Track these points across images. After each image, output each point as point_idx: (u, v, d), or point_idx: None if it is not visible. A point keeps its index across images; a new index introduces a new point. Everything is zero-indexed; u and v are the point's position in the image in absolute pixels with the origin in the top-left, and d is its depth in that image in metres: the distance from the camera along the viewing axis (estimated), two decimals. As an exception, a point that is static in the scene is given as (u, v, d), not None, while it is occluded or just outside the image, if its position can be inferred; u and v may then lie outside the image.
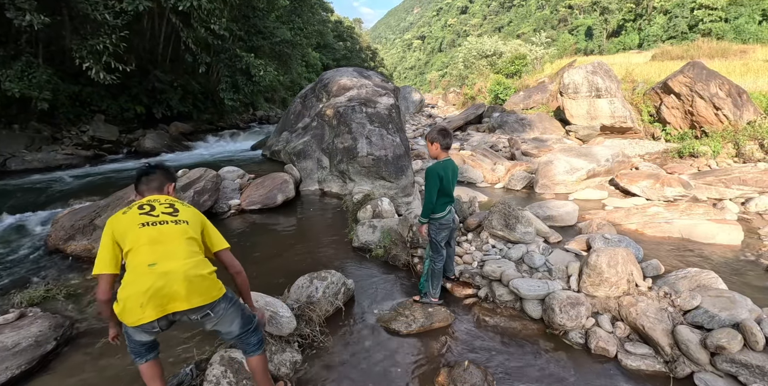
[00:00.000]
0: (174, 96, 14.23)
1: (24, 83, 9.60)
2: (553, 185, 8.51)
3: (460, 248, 4.14)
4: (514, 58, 21.27)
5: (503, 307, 3.62)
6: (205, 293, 1.78)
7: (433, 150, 3.35)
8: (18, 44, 10.44)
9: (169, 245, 1.79)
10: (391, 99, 8.07)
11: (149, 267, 1.71)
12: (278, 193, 5.90)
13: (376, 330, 3.21)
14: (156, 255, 1.75)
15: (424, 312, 3.28)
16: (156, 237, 1.78)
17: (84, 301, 3.55)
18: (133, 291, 1.67)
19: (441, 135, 3.30)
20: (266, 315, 2.56)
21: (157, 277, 1.69)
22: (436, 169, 3.26)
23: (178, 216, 1.87)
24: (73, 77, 11.79)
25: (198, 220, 1.97)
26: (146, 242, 1.76)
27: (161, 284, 1.68)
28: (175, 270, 1.73)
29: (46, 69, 10.24)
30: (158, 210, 1.86)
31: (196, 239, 1.89)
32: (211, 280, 1.85)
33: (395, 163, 6.64)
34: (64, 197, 6.72)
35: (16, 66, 9.71)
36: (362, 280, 3.85)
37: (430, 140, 3.34)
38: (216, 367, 2.33)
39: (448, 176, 3.32)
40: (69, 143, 11.07)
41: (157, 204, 1.92)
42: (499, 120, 13.79)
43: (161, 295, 1.68)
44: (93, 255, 4.39)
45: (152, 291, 1.67)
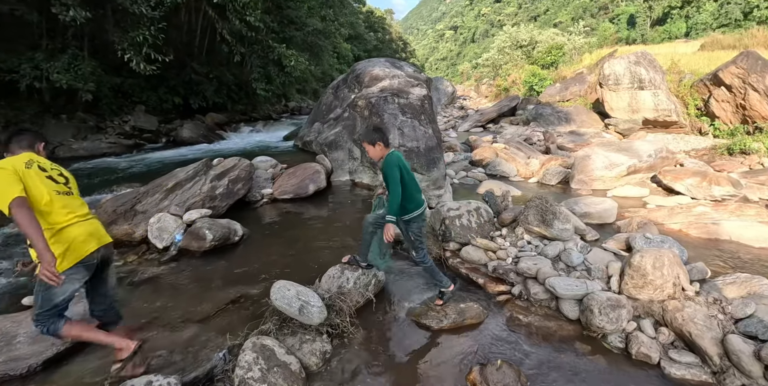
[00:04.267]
0: (209, 87, 14.58)
1: (70, 75, 10.07)
2: (590, 181, 8.16)
3: (494, 243, 4.02)
4: (551, 48, 20.42)
5: (538, 306, 3.49)
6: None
7: (378, 151, 3.08)
8: (65, 38, 10.94)
9: (78, 207, 2.29)
10: (423, 90, 7.92)
11: (77, 218, 2.21)
12: (310, 183, 5.93)
13: (407, 323, 3.17)
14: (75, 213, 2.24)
15: (455, 308, 3.21)
16: (68, 203, 2.23)
17: (125, 283, 3.68)
18: (77, 233, 2.17)
19: (380, 133, 3.11)
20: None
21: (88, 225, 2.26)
22: (392, 159, 3.03)
23: (72, 190, 2.34)
24: (115, 70, 12.27)
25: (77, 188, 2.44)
26: (61, 206, 2.17)
27: (93, 228, 2.28)
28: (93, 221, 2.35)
29: (91, 61, 10.69)
30: (56, 178, 2.25)
31: (84, 205, 2.39)
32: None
33: (427, 155, 6.52)
34: (107, 183, 7.02)
35: (63, 59, 10.19)
36: (392, 273, 3.81)
37: (369, 142, 3.07)
38: (248, 353, 2.35)
39: (407, 166, 3.15)
40: (112, 132, 11.58)
41: (46, 166, 2.26)
42: (534, 112, 13.34)
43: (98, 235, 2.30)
44: (134, 239, 4.59)
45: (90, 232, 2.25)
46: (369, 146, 3.09)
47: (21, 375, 2.57)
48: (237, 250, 4.31)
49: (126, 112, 12.72)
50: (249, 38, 14.11)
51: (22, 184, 2.03)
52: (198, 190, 5.02)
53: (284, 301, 2.69)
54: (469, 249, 3.96)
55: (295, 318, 2.70)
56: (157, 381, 2.05)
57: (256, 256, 4.11)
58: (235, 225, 4.51)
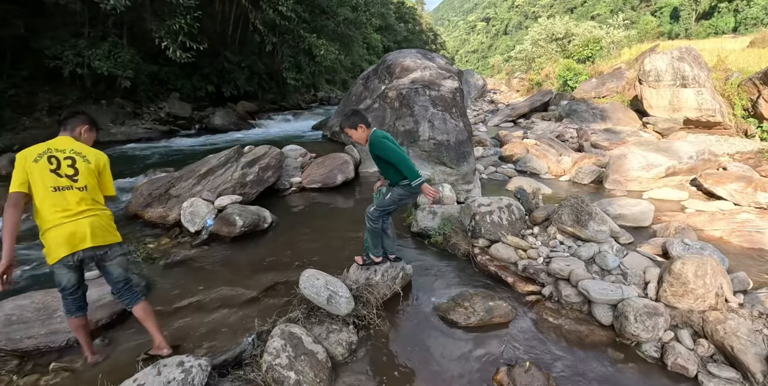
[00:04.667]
0: (241, 76, 14.77)
1: (110, 62, 10.40)
2: (625, 181, 7.84)
3: (525, 241, 3.90)
4: (588, 42, 19.60)
5: (569, 308, 3.38)
6: (103, 237, 2.26)
7: (362, 133, 3.00)
8: (105, 26, 11.29)
9: (71, 205, 2.19)
10: (455, 82, 7.76)
11: (64, 219, 2.15)
12: (338, 173, 5.93)
13: (433, 318, 3.13)
14: (64, 213, 2.17)
15: (484, 306, 3.14)
16: (60, 201, 2.17)
17: (158, 264, 3.79)
18: (54, 236, 2.15)
19: (360, 115, 3.02)
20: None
21: (71, 226, 2.17)
22: (378, 135, 2.94)
23: (78, 183, 2.23)
24: (152, 58, 12.59)
25: (95, 176, 2.32)
26: (51, 204, 2.15)
27: (72, 231, 2.16)
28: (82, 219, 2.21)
29: (129, 49, 11.00)
30: (63, 170, 2.20)
31: (92, 199, 2.27)
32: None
33: (457, 149, 6.40)
34: (143, 167, 7.25)
35: (103, 46, 10.52)
36: (420, 266, 3.77)
37: (351, 127, 2.98)
38: (276, 340, 2.37)
39: (394, 141, 3.04)
40: (148, 118, 11.92)
41: (61, 156, 2.22)
42: (567, 108, 12.89)
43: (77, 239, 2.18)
44: (167, 222, 4.71)
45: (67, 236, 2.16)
46: (351, 131, 3.01)
47: (59, 348, 2.69)
48: (266, 237, 4.37)
49: (161, 99, 13.06)
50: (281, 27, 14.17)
51: (26, 177, 2.14)
52: (229, 177, 5.09)
53: (313, 290, 2.69)
54: (498, 247, 3.87)
55: (323, 307, 2.71)
56: (188, 362, 2.08)
57: (284, 244, 4.15)
58: (264, 212, 4.56)
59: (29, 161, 2.17)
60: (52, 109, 10.33)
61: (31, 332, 2.66)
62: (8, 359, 2.58)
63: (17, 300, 2.87)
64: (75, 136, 2.38)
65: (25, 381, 2.43)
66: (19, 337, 2.64)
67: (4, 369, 2.50)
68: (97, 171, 2.32)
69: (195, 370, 2.04)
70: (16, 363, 2.57)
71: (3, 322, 2.68)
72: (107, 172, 2.40)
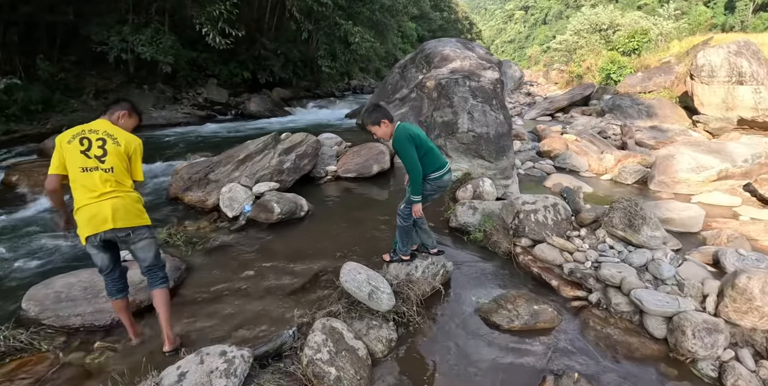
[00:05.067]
0: (277, 63, 14.79)
1: (153, 48, 10.60)
2: (672, 183, 7.36)
3: (571, 243, 3.68)
4: (634, 33, 18.43)
5: (618, 317, 3.15)
6: (125, 218, 2.22)
7: (387, 129, 2.83)
8: (148, 13, 11.49)
9: (97, 186, 2.18)
10: (495, 73, 7.43)
11: (90, 199, 2.15)
12: (374, 163, 5.81)
13: (474, 319, 2.99)
14: (90, 194, 2.17)
15: (528, 309, 2.97)
16: (88, 182, 2.17)
17: (198, 248, 3.80)
18: (80, 218, 2.19)
19: (382, 110, 2.83)
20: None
21: (94, 208, 2.17)
22: (401, 133, 2.77)
23: (105, 165, 2.20)
24: (191, 44, 12.79)
25: (123, 160, 2.28)
26: (80, 185, 2.17)
27: (95, 213, 2.16)
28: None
29: (171, 36, 11.17)
30: (92, 152, 2.18)
31: (116, 181, 2.23)
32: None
33: (497, 142, 6.14)
34: (182, 151, 7.35)
35: (147, 32, 10.73)
36: (459, 263, 3.62)
37: (374, 123, 2.81)
38: (318, 335, 2.29)
39: (419, 134, 2.86)
40: (187, 103, 12.15)
41: (93, 138, 2.22)
42: (610, 103, 12.22)
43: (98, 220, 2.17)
44: (206, 206, 4.73)
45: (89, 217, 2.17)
46: (374, 127, 2.85)
47: (104, 327, 2.72)
48: (302, 225, 4.31)
49: (200, 85, 13.27)
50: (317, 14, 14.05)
51: (62, 160, 2.19)
52: (267, 163, 5.06)
53: (354, 284, 2.60)
54: (543, 248, 3.66)
55: (364, 302, 2.61)
56: (231, 352, 2.04)
57: (321, 233, 4.08)
58: (300, 200, 4.51)
59: (64, 143, 2.21)
60: (98, 92, 10.66)
61: (78, 310, 2.71)
62: (57, 335, 2.63)
63: (66, 277, 2.92)
64: (113, 121, 2.37)
65: (70, 358, 2.46)
66: (67, 315, 2.68)
67: (52, 345, 2.55)
68: (126, 154, 2.28)
69: (238, 361, 1.99)
70: (63, 339, 2.62)
71: (52, 299, 2.73)
72: (137, 156, 2.35)
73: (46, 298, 2.73)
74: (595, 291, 3.34)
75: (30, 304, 2.71)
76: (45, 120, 9.01)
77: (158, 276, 2.44)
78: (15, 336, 2.53)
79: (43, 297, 2.73)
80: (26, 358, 2.46)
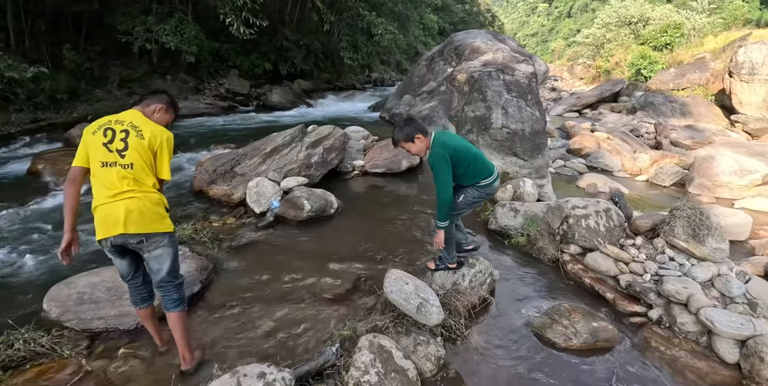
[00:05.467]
0: (298, 54, 14.50)
1: (177, 38, 10.42)
2: (713, 187, 6.90)
3: (626, 253, 3.33)
4: (667, 27, 17.55)
5: (682, 338, 2.82)
6: (140, 223, 1.91)
7: (422, 144, 2.50)
8: (172, 3, 11.29)
9: (114, 183, 1.90)
10: (530, 66, 7.01)
11: (106, 198, 1.89)
12: (403, 158, 5.50)
13: (526, 335, 2.69)
14: (107, 193, 1.90)
15: (587, 326, 2.66)
16: (106, 178, 1.91)
17: (225, 246, 3.57)
18: (96, 218, 1.93)
19: (415, 124, 2.48)
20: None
21: (109, 208, 1.90)
22: (438, 150, 2.43)
23: (124, 160, 1.92)
24: (214, 35, 12.58)
25: (147, 155, 1.97)
26: (99, 181, 1.92)
27: (107, 214, 1.89)
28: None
29: (194, 25, 10.96)
30: (114, 144, 1.92)
31: (134, 179, 1.94)
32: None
33: (532, 140, 5.77)
34: (205, 142, 7.15)
35: (171, 22, 10.54)
36: (501, 270, 3.30)
37: (406, 139, 2.48)
38: (365, 354, 2.03)
39: (458, 147, 2.51)
40: (209, 94, 11.97)
41: (118, 129, 1.95)
42: (642, 100, 11.62)
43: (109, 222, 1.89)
44: (232, 201, 4.51)
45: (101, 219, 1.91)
46: (408, 144, 2.51)
47: (128, 331, 2.51)
48: (332, 223, 4.05)
49: (222, 76, 13.08)
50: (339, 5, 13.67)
51: (87, 152, 1.95)
52: (294, 157, 4.81)
53: (401, 296, 2.32)
54: (596, 257, 3.32)
55: (411, 315, 2.34)
56: (270, 373, 1.79)
57: (354, 233, 3.80)
58: (330, 196, 4.24)
59: (89, 134, 1.95)
60: (122, 82, 10.57)
61: (101, 312, 2.50)
62: (79, 339, 2.43)
63: (89, 276, 2.72)
64: (146, 113, 2.09)
65: (94, 366, 2.26)
66: (90, 317, 2.48)
67: (74, 351, 2.35)
68: (150, 149, 1.97)
69: (278, 384, 1.74)
70: (87, 344, 2.42)
71: (75, 300, 2.53)
72: (164, 152, 2.02)
73: (68, 299, 2.53)
74: (656, 307, 3.00)
75: (51, 305, 2.51)
76: (71, 109, 8.95)
77: (171, 297, 2.09)
78: (36, 340, 2.35)
79: (65, 298, 2.53)
80: (47, 364, 2.27)
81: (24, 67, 6.93)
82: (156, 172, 2.01)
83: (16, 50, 8.91)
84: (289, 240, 3.68)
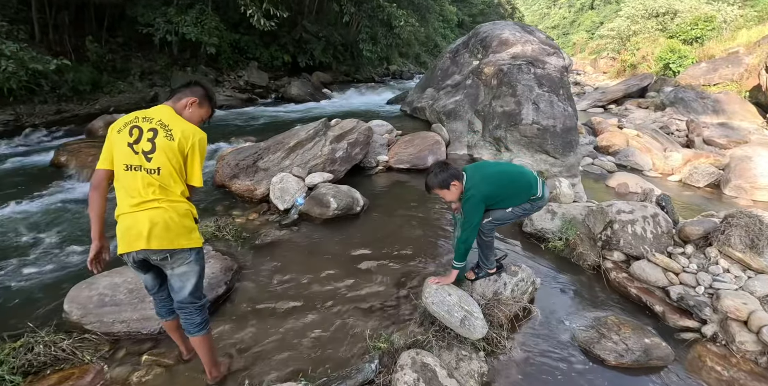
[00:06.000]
0: (317, 46, 14.25)
1: (198, 29, 10.29)
2: (752, 189, 6.47)
3: (676, 263, 3.05)
4: (697, 20, 16.70)
5: (741, 357, 2.55)
6: (164, 237, 1.68)
7: (458, 190, 2.33)
8: (193, -7, 11.12)
9: (138, 191, 1.67)
10: (561, 59, 6.65)
11: (129, 207, 1.68)
12: (429, 154, 5.26)
13: (572, 350, 2.46)
14: (129, 202, 1.68)
15: (639, 342, 2.41)
16: (129, 184, 1.69)
17: (249, 244, 3.41)
18: (117, 229, 1.71)
19: (451, 170, 2.31)
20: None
21: (129, 219, 1.69)
22: (478, 191, 2.27)
23: (150, 164, 1.67)
24: (233, 27, 12.43)
25: (176, 159, 1.71)
26: (121, 187, 1.71)
27: (128, 225, 1.68)
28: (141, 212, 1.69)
29: (214, 17, 10.80)
30: (140, 145, 1.68)
31: (161, 186, 1.69)
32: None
33: (563, 136, 5.46)
34: (225, 134, 7.01)
35: (191, 13, 10.40)
36: (539, 276, 3.06)
37: (441, 186, 2.30)
38: (408, 373, 1.84)
39: (494, 184, 2.34)
40: (228, 86, 11.84)
41: (146, 127, 1.70)
42: (672, 96, 11.06)
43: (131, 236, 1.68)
44: (254, 197, 4.35)
45: (122, 231, 1.70)
46: (444, 191, 2.34)
47: (151, 335, 2.37)
48: (359, 223, 3.85)
49: (241, 68, 12.94)
50: (360, -4, 13.36)
51: (112, 152, 1.72)
52: (319, 152, 4.61)
53: (443, 308, 2.12)
54: (643, 266, 3.05)
55: (453, 329, 2.14)
56: (307, 394, 1.61)
57: (383, 233, 3.59)
58: (356, 193, 4.04)
59: (114, 132, 1.72)
60: (143, 74, 10.51)
61: (123, 316, 2.36)
62: (101, 344, 2.30)
63: (112, 276, 2.58)
64: (178, 109, 1.82)
65: (116, 374, 2.12)
66: (111, 321, 2.34)
67: (96, 356, 2.21)
68: (180, 152, 1.70)
69: (314, 408, 1.56)
70: (108, 349, 2.28)
71: (96, 302, 2.39)
72: (196, 155, 1.75)
73: (89, 301, 2.39)
74: (711, 322, 2.73)
75: (72, 306, 2.38)
76: (93, 100, 8.91)
77: (193, 320, 1.86)
78: (57, 343, 2.22)
79: (86, 300, 2.40)
80: (68, 370, 2.14)
81: (47, 59, 6.86)
82: (186, 177, 1.76)
83: (41, 42, 8.89)
84: (314, 240, 3.50)
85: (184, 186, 1.75)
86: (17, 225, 3.71)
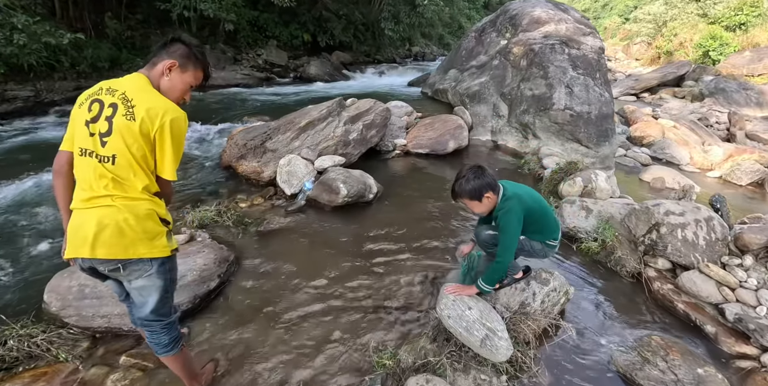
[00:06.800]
0: (338, 25, 13.61)
1: (216, 4, 9.86)
2: (802, 189, 5.81)
3: (732, 276, 2.59)
4: (742, 5, 15.22)
5: (808, 389, 2.12)
6: (115, 244, 1.28)
7: (491, 203, 1.92)
8: (210, -32, 10.61)
9: (89, 183, 1.29)
10: (597, 40, 5.99)
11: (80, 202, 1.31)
12: (450, 138, 4.81)
13: (610, 376, 2.07)
14: (81, 196, 1.31)
15: (691, 372, 2.01)
16: (82, 172, 1.31)
17: (250, 231, 3.10)
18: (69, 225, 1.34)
19: (487, 179, 1.87)
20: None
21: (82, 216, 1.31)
22: (514, 207, 1.87)
23: (104, 150, 1.27)
24: (252, 3, 11.94)
25: (138, 144, 1.27)
26: (77, 174, 1.34)
27: (78, 225, 1.30)
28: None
29: (232, -8, 10.33)
30: (97, 125, 1.28)
31: (114, 179, 1.27)
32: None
33: (598, 125, 4.91)
34: (238, 113, 6.68)
35: (208, -12, 9.93)
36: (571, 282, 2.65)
37: (472, 197, 1.88)
38: (416, 404, 1.50)
39: (533, 204, 1.98)
40: (247, 64, 11.44)
41: (107, 101, 1.29)
42: (712, 86, 10.13)
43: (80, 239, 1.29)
44: (261, 179, 4.00)
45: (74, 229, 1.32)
46: (473, 202, 1.92)
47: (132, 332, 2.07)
48: (371, 212, 3.48)
49: (260, 46, 12.49)
50: (383, -28, 12.57)
51: (73, 131, 1.35)
52: (331, 133, 4.22)
53: (461, 324, 1.75)
54: (694, 278, 2.60)
55: (473, 348, 1.78)
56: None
57: (396, 226, 3.21)
58: (369, 179, 3.66)
59: (76, 106, 1.34)
60: (163, 50, 10.21)
61: (104, 310, 2.08)
62: (79, 339, 2.04)
63: (95, 264, 2.29)
64: (153, 78, 1.37)
65: (89, 376, 1.85)
66: (91, 314, 2.06)
67: (72, 353, 1.95)
68: (144, 136, 1.27)
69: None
70: (86, 345, 2.02)
71: (76, 294, 2.12)
72: (166, 140, 1.29)
73: (68, 292, 2.12)
74: (774, 348, 2.29)
75: (51, 297, 2.12)
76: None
77: (159, 340, 1.49)
78: (32, 337, 1.96)
79: (66, 291, 2.12)
80: (41, 369, 1.88)
81: (61, 33, 6.60)
82: (155, 168, 1.34)
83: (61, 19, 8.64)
84: (321, 229, 3.16)
85: (150, 179, 1.33)
86: (36, 199, 3.48)
